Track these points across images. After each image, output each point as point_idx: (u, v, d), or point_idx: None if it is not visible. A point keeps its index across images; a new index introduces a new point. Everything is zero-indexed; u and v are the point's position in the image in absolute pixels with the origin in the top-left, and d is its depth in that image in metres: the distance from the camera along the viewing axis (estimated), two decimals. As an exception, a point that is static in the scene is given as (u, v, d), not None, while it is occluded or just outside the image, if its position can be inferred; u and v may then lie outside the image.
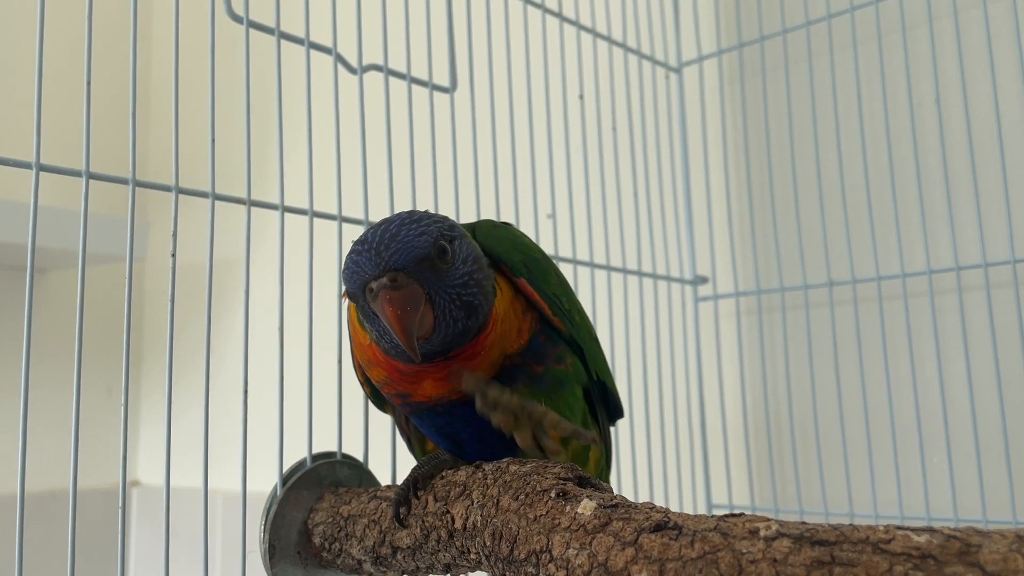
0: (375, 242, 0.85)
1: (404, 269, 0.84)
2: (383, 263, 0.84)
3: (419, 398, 0.95)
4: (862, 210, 1.61)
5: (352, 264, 0.86)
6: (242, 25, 1.11)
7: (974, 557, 0.57)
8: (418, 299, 0.84)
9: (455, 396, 0.94)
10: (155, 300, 2.67)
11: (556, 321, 0.99)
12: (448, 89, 1.35)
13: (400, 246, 0.85)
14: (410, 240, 0.85)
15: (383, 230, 0.86)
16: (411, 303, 0.84)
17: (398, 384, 0.95)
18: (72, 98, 1.18)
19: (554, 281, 1.02)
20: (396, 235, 0.86)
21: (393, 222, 0.87)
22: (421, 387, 0.94)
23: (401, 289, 0.83)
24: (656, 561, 0.68)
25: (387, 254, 0.84)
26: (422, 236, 0.86)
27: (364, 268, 0.85)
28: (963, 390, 1.47)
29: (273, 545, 1.03)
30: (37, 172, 0.91)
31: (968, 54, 1.52)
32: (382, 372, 0.95)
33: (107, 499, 2.26)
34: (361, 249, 0.86)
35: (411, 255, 0.85)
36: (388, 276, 0.83)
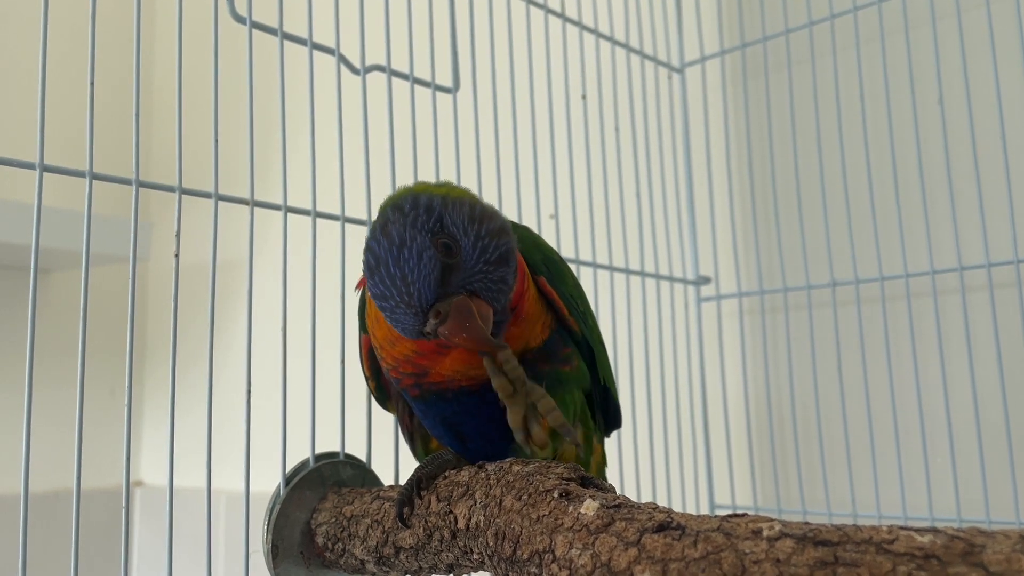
0: (397, 294, 0.84)
1: (436, 299, 0.83)
2: (417, 308, 0.83)
3: (434, 377, 0.95)
4: (865, 210, 1.60)
5: (397, 323, 0.86)
6: (245, 26, 1.11)
7: (978, 557, 0.57)
8: (466, 310, 0.83)
9: (467, 381, 0.94)
10: (158, 300, 2.68)
11: (571, 321, 1.00)
12: (451, 89, 1.35)
13: (419, 285, 0.83)
14: (418, 271, 0.84)
15: (395, 277, 0.84)
16: (466, 318, 0.83)
17: (422, 358, 0.94)
18: (75, 99, 1.18)
19: (571, 283, 1.03)
20: (406, 277, 0.84)
21: (387, 260, 0.85)
22: (442, 361, 0.93)
23: (451, 316, 0.83)
24: (659, 561, 0.68)
25: (416, 300, 0.83)
26: (423, 257, 0.84)
27: (409, 324, 0.85)
28: (966, 390, 1.47)
29: (276, 545, 1.03)
30: (41, 172, 0.91)
31: (971, 54, 1.51)
32: (407, 346, 0.94)
33: (110, 499, 2.27)
34: (391, 307, 0.85)
35: (432, 286, 0.84)
36: (431, 315, 0.83)
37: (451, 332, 0.82)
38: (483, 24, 1.42)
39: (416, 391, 0.98)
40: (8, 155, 0.90)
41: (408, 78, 1.30)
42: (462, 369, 0.94)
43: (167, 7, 2.68)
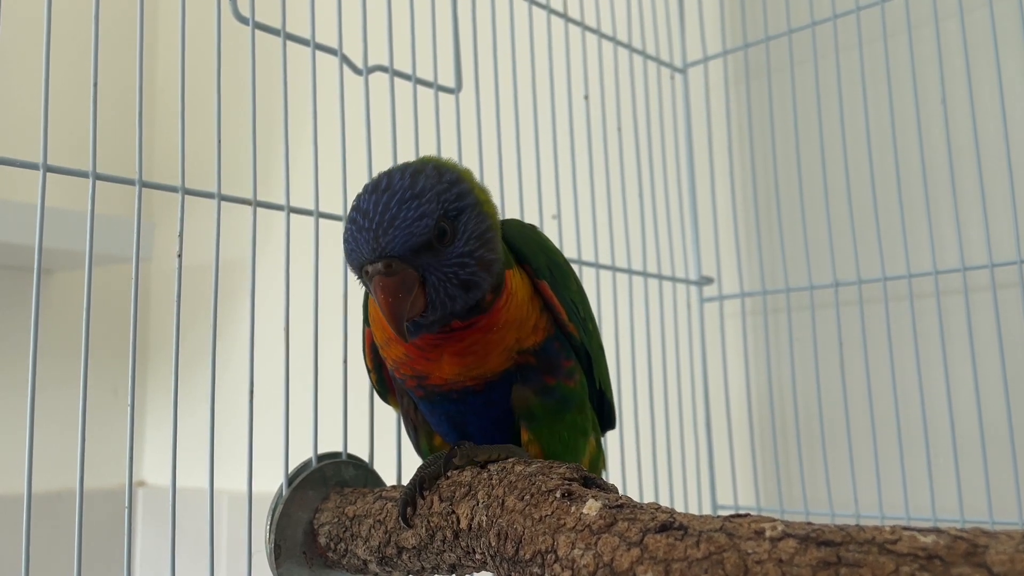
0: (374, 222, 0.84)
1: (400, 256, 0.84)
2: (380, 248, 0.84)
3: (436, 380, 0.95)
4: (868, 210, 1.60)
5: (351, 241, 0.86)
6: (248, 26, 1.12)
7: (981, 558, 0.57)
8: (411, 284, 0.84)
9: (470, 382, 0.95)
10: (161, 301, 2.68)
11: (571, 327, 1.00)
12: (453, 90, 1.35)
13: (398, 232, 0.84)
14: (408, 224, 0.84)
15: (383, 206, 0.85)
16: (403, 289, 0.83)
17: (416, 363, 0.95)
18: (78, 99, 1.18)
19: (574, 288, 1.03)
20: (396, 216, 0.84)
21: (395, 195, 0.85)
22: (439, 366, 0.94)
23: (394, 276, 0.83)
24: (661, 562, 0.68)
25: (384, 240, 0.84)
26: (422, 220, 0.84)
27: (361, 249, 0.85)
28: (969, 390, 1.46)
29: (279, 545, 1.03)
30: (44, 173, 0.91)
31: (974, 54, 1.51)
32: (400, 349, 0.95)
33: (113, 499, 2.27)
34: (359, 227, 0.85)
35: (408, 243, 0.84)
36: (383, 263, 0.83)
37: (382, 289, 0.83)
38: (485, 24, 1.42)
39: (420, 392, 0.99)
40: (11, 155, 0.90)
41: (411, 78, 1.30)
42: (461, 371, 0.94)
43: (170, 7, 2.69)
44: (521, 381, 0.96)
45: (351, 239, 0.86)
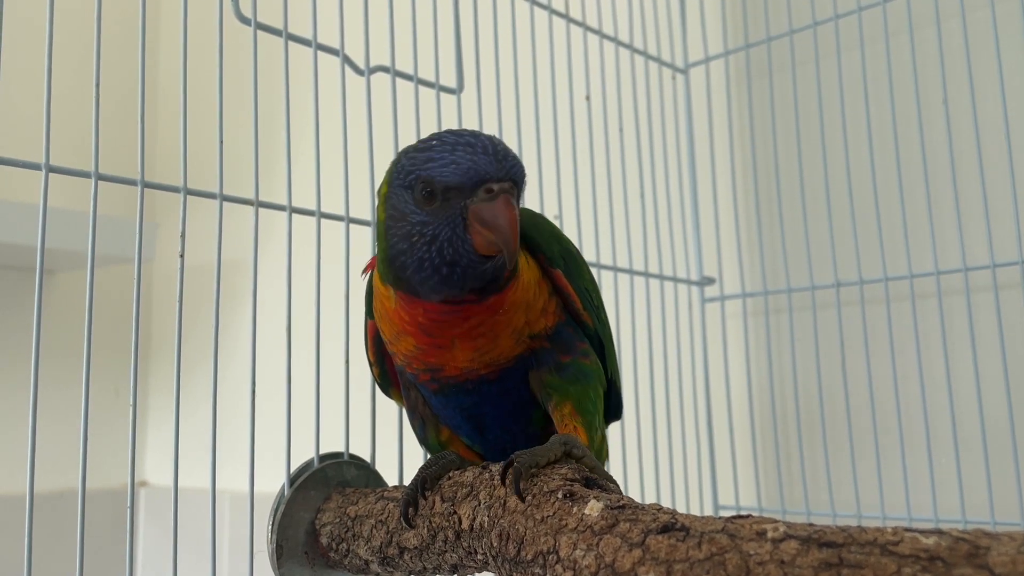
0: (492, 148, 0.87)
1: (518, 184, 0.88)
2: (505, 170, 0.86)
3: (450, 371, 0.95)
4: (869, 211, 1.60)
5: (465, 160, 0.86)
6: (250, 27, 1.12)
7: (983, 559, 0.57)
8: (516, 216, 0.87)
9: (484, 370, 0.95)
10: (163, 301, 2.68)
11: (585, 315, 1.01)
12: (455, 90, 1.35)
13: (517, 162, 0.88)
14: (520, 161, 0.89)
15: (489, 140, 0.88)
16: (515, 211, 0.86)
17: (429, 354, 0.95)
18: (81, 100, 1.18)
19: (587, 277, 1.04)
20: (508, 150, 0.88)
21: (493, 140, 0.89)
22: (452, 354, 0.94)
23: (516, 199, 0.87)
24: (663, 562, 0.68)
25: (508, 164, 0.87)
26: (522, 163, 0.89)
27: (486, 168, 0.86)
28: (971, 391, 1.46)
29: (280, 545, 1.03)
30: (46, 173, 0.92)
31: (976, 55, 1.51)
32: (411, 342, 0.95)
33: (115, 499, 2.27)
34: (475, 149, 0.87)
35: (524, 174, 0.89)
36: (509, 183, 0.86)
37: (510, 206, 0.85)
38: (487, 25, 1.42)
39: (434, 385, 0.98)
40: (14, 156, 0.90)
41: (412, 79, 1.30)
42: (474, 357, 0.94)
43: (172, 8, 2.69)
44: (537, 366, 0.97)
45: (465, 159, 0.86)
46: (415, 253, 0.88)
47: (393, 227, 0.91)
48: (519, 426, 0.99)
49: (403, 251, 0.90)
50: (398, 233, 0.90)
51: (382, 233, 0.93)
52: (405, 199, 0.90)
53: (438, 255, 0.88)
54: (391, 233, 0.91)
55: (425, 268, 0.88)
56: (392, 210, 0.91)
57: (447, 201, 0.87)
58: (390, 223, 0.91)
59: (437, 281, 0.88)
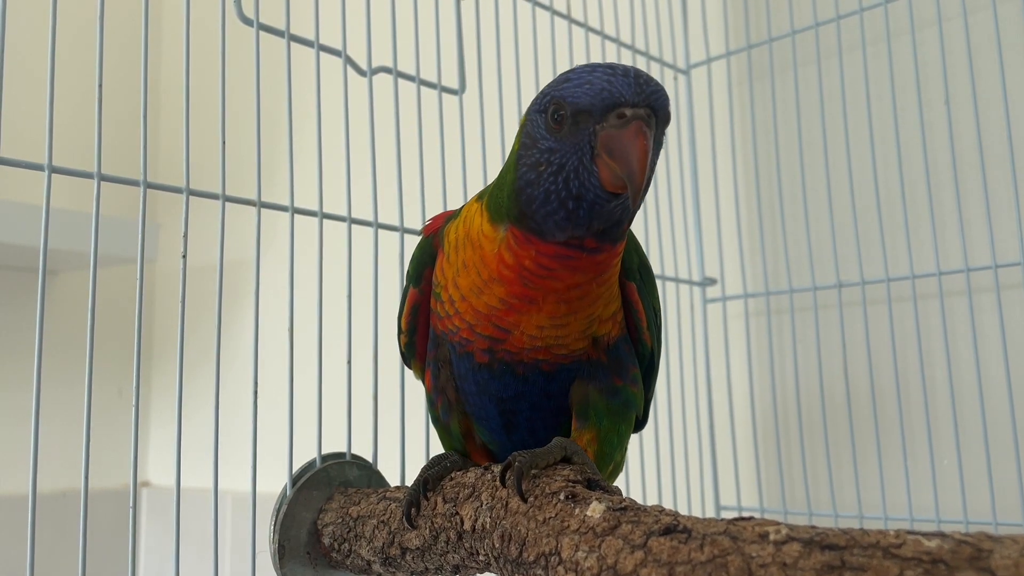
0: (632, 73, 0.80)
1: (658, 113, 0.80)
2: (644, 96, 0.79)
3: (511, 345, 0.91)
4: (871, 211, 1.60)
5: (602, 81, 0.79)
6: (252, 28, 1.12)
7: (985, 562, 0.57)
8: (658, 147, 0.81)
9: (543, 355, 0.91)
10: (166, 301, 2.69)
11: (646, 335, 0.98)
12: (457, 91, 1.35)
13: (659, 90, 0.80)
14: (663, 91, 0.81)
15: (633, 68, 0.81)
16: (656, 146, 0.79)
17: (508, 311, 0.89)
18: (84, 100, 1.18)
19: (655, 295, 1.01)
20: (651, 79, 0.80)
21: (637, 69, 0.81)
22: (529, 318, 0.89)
23: (652, 129, 0.79)
24: (665, 564, 0.68)
25: (648, 90, 0.79)
26: (666, 93, 0.82)
27: (621, 91, 0.78)
28: (973, 392, 1.46)
29: (283, 545, 1.04)
30: (49, 174, 0.92)
31: (977, 55, 1.51)
32: (500, 292, 0.89)
33: (118, 499, 2.27)
34: (613, 72, 0.80)
35: (666, 105, 0.81)
36: (646, 111, 0.78)
37: (644, 135, 0.77)
38: (489, 26, 1.43)
39: (485, 357, 0.94)
40: (17, 157, 0.90)
41: (414, 80, 1.30)
42: (546, 328, 0.90)
43: (174, 9, 2.69)
44: (588, 378, 0.94)
45: (601, 80, 0.79)
46: (542, 184, 0.82)
47: (524, 155, 0.85)
48: (548, 433, 0.96)
49: (530, 182, 0.84)
50: (527, 162, 0.84)
51: (512, 164, 0.87)
52: (538, 124, 0.84)
53: (564, 187, 0.81)
54: (521, 162, 0.85)
55: (551, 201, 0.82)
56: (526, 137, 0.86)
57: (576, 126, 0.81)
58: (522, 152, 0.86)
59: (563, 216, 0.82)
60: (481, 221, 0.91)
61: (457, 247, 0.94)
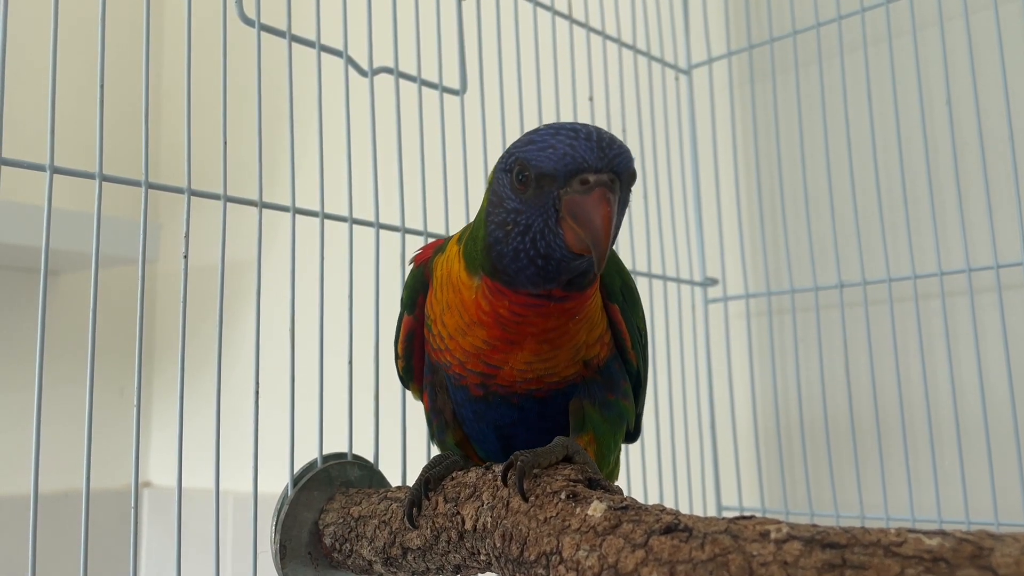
0: (595, 136, 0.81)
1: (621, 177, 0.81)
2: (607, 161, 0.80)
3: (503, 379, 0.94)
4: (872, 211, 1.60)
5: (565, 147, 0.80)
6: (253, 28, 1.12)
7: (986, 561, 0.57)
8: (622, 209, 0.82)
9: (535, 385, 0.94)
10: (167, 302, 2.69)
11: (631, 354, 1.00)
12: (458, 91, 1.35)
13: (622, 153, 0.81)
14: (628, 153, 0.82)
15: (596, 130, 0.82)
16: (619, 210, 0.81)
17: (493, 351, 0.92)
18: (85, 101, 1.18)
19: (640, 315, 1.03)
20: (614, 140, 0.81)
21: (600, 130, 0.83)
22: (515, 356, 0.92)
23: (615, 194, 0.80)
24: (666, 563, 0.68)
25: (611, 153, 0.80)
26: (631, 156, 0.83)
27: (584, 156, 0.80)
28: (975, 391, 1.46)
29: (284, 545, 1.04)
30: (51, 174, 0.92)
31: (979, 55, 1.51)
32: (482, 335, 0.91)
33: (119, 500, 2.27)
34: (578, 136, 0.81)
35: (629, 167, 0.81)
36: (609, 176, 0.80)
37: (607, 201, 0.78)
38: (490, 26, 1.43)
39: (480, 391, 0.97)
40: (19, 157, 0.90)
41: (416, 80, 1.30)
42: (534, 363, 0.92)
43: (176, 9, 2.69)
44: (583, 395, 0.97)
45: (565, 146, 0.80)
46: (510, 243, 0.84)
47: (492, 213, 0.87)
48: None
49: (499, 239, 0.86)
50: (495, 220, 0.86)
51: (482, 220, 0.89)
52: (504, 183, 0.86)
53: (532, 247, 0.83)
54: (490, 219, 0.87)
55: (520, 259, 0.84)
56: (493, 195, 0.87)
57: (541, 189, 0.82)
58: (490, 209, 0.87)
59: (533, 272, 0.85)
60: (459, 268, 0.93)
61: (443, 286, 0.96)
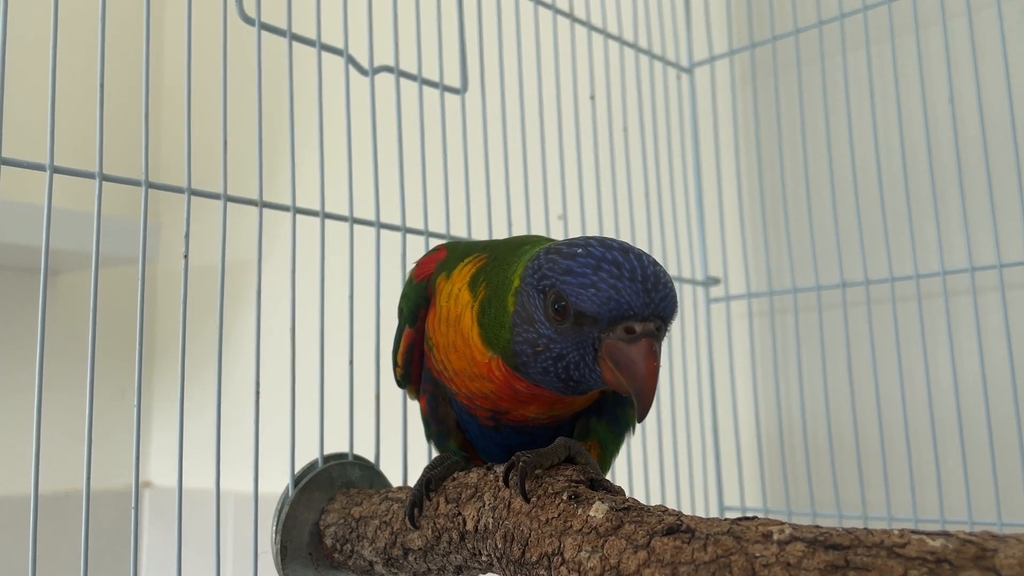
0: (640, 276, 0.76)
1: (666, 324, 0.77)
2: (653, 307, 0.76)
3: (516, 417, 0.94)
4: (875, 210, 1.60)
5: (609, 289, 0.76)
6: (254, 27, 1.12)
7: (990, 562, 0.57)
8: (658, 360, 0.78)
9: (547, 419, 0.94)
10: (168, 302, 2.69)
11: None
12: (459, 90, 1.35)
13: (668, 295, 0.77)
14: (672, 294, 0.78)
15: (639, 262, 0.77)
16: (657, 359, 0.76)
17: (503, 401, 0.91)
18: (85, 100, 1.18)
19: None
20: (659, 279, 0.77)
21: (651, 261, 0.78)
22: (527, 407, 0.92)
23: (653, 341, 0.76)
24: (668, 565, 0.68)
25: (657, 297, 0.76)
26: (675, 294, 0.79)
27: (630, 301, 0.75)
28: (977, 392, 1.46)
29: (285, 546, 1.03)
30: (51, 174, 0.92)
31: (982, 53, 1.51)
32: (489, 387, 0.90)
33: (120, 500, 2.27)
34: (620, 274, 0.76)
35: (675, 310, 0.78)
36: (655, 324, 0.76)
37: (654, 355, 0.75)
38: (491, 25, 1.42)
39: (491, 423, 0.96)
40: (18, 156, 0.90)
41: (416, 79, 1.30)
42: (543, 413, 0.93)
43: (176, 9, 2.69)
44: (593, 413, 0.96)
45: (610, 288, 0.76)
46: (539, 363, 0.81)
47: (520, 327, 0.82)
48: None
49: (526, 353, 0.82)
50: (524, 337, 0.82)
51: (507, 323, 0.84)
52: (536, 304, 0.81)
53: (564, 372, 0.80)
54: (516, 331, 0.82)
55: (548, 375, 0.82)
56: (521, 308, 0.82)
57: (580, 326, 0.78)
58: (517, 320, 0.82)
59: (560, 388, 0.83)
60: (472, 328, 0.89)
61: (448, 322, 0.93)
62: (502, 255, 0.92)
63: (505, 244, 0.97)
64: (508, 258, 0.90)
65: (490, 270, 0.91)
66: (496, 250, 0.94)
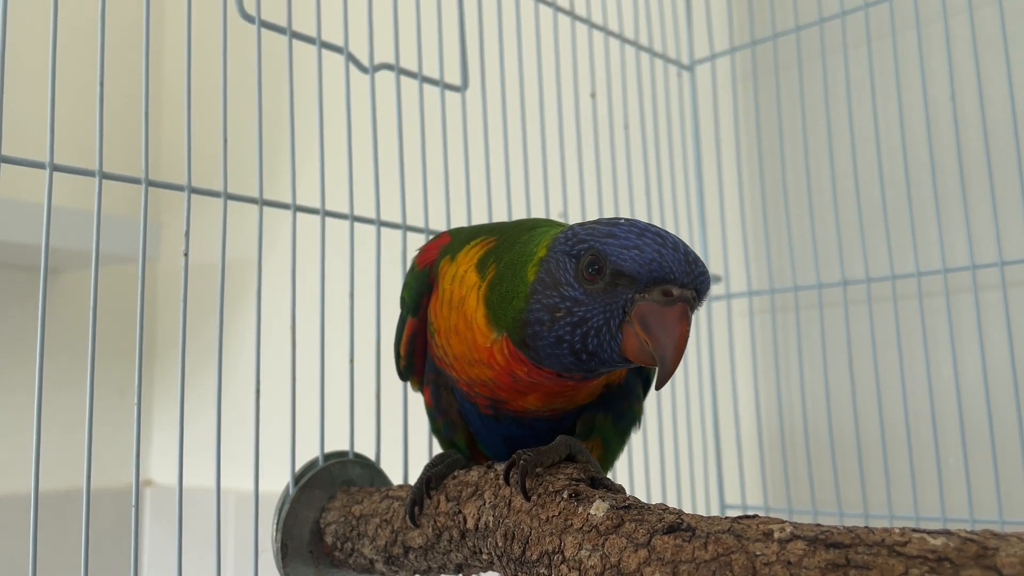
0: (683, 248, 0.77)
1: (700, 298, 0.78)
2: (692, 277, 0.76)
3: (514, 407, 0.93)
4: (876, 208, 1.59)
5: (652, 251, 0.76)
6: (254, 25, 1.12)
7: (991, 560, 0.57)
8: (689, 327, 0.77)
9: (547, 412, 0.94)
10: (168, 300, 2.69)
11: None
12: (460, 88, 1.34)
13: (705, 272, 0.78)
14: (707, 273, 0.79)
15: (680, 240, 0.78)
16: (688, 325, 0.76)
17: (501, 390, 0.91)
18: (85, 99, 1.18)
19: None
20: (698, 258, 0.78)
21: (683, 242, 0.79)
22: (525, 400, 0.92)
23: (688, 308, 0.76)
24: (669, 563, 0.68)
25: (696, 271, 0.77)
26: (709, 275, 0.80)
27: (672, 266, 0.76)
28: (979, 390, 1.46)
29: (285, 544, 1.03)
30: (51, 172, 0.91)
31: (983, 51, 1.50)
32: (488, 374, 0.90)
33: (120, 499, 2.27)
34: (663, 243, 0.77)
35: (707, 290, 0.79)
36: (692, 292, 0.76)
37: (686, 319, 0.75)
38: (492, 22, 1.42)
39: (490, 411, 0.96)
40: (18, 155, 0.90)
41: (417, 76, 1.30)
42: (543, 406, 0.93)
43: (176, 6, 2.69)
44: (599, 409, 0.96)
45: (654, 248, 0.76)
46: (555, 330, 0.80)
47: (540, 293, 0.81)
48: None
49: (542, 321, 0.81)
50: (544, 302, 0.81)
51: (522, 292, 0.83)
52: (565, 268, 0.80)
53: (580, 341, 0.79)
54: (535, 298, 0.81)
55: (561, 347, 0.80)
56: (545, 275, 0.82)
57: (614, 287, 0.77)
58: (537, 287, 0.82)
59: (569, 362, 0.81)
60: (476, 309, 0.89)
61: (451, 305, 0.93)
62: (513, 236, 0.91)
63: (514, 226, 0.96)
64: (521, 237, 0.89)
65: (500, 250, 0.90)
66: (505, 232, 0.94)
